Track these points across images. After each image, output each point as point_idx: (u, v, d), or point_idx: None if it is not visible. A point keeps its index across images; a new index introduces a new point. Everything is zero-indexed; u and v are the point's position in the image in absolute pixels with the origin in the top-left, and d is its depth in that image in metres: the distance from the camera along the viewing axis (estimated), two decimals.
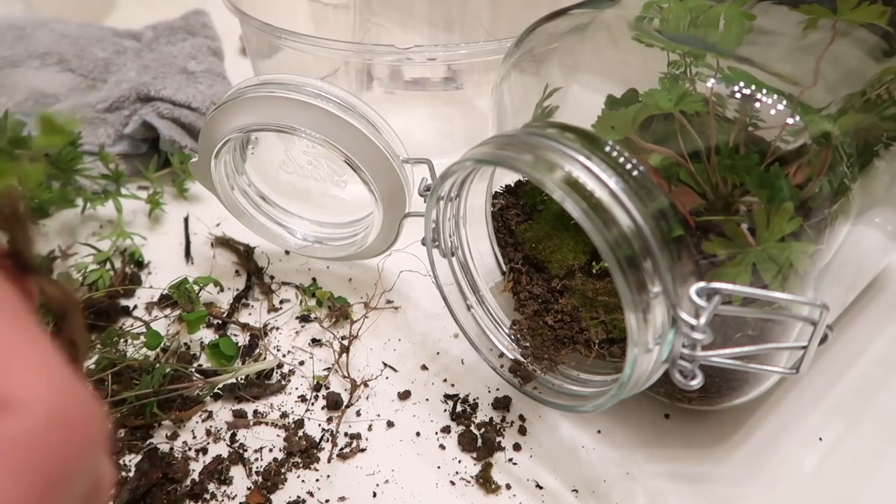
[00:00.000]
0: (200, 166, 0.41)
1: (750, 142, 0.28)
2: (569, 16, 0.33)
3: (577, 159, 0.27)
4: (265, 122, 0.37)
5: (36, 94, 0.56)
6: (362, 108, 0.36)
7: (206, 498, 0.31)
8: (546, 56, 0.33)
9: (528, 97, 0.33)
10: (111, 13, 0.76)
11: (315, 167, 0.41)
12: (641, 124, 0.29)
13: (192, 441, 0.34)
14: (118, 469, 0.32)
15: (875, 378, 0.37)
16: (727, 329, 0.30)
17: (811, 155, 0.27)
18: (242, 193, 0.43)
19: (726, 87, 0.28)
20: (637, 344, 0.26)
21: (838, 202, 0.28)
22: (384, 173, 0.37)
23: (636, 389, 0.28)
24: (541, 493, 0.32)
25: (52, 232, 0.47)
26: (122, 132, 0.52)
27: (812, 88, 0.29)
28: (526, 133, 0.29)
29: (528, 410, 0.35)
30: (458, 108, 0.55)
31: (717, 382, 0.32)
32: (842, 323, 0.39)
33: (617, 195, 0.26)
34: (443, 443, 0.34)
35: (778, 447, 0.34)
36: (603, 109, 0.31)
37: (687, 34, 0.31)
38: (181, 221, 0.48)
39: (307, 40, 0.42)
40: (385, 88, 0.53)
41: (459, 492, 0.32)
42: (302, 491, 0.32)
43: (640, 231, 0.26)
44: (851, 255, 0.32)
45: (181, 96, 0.52)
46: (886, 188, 0.32)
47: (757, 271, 0.28)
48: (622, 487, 0.32)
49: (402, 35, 0.57)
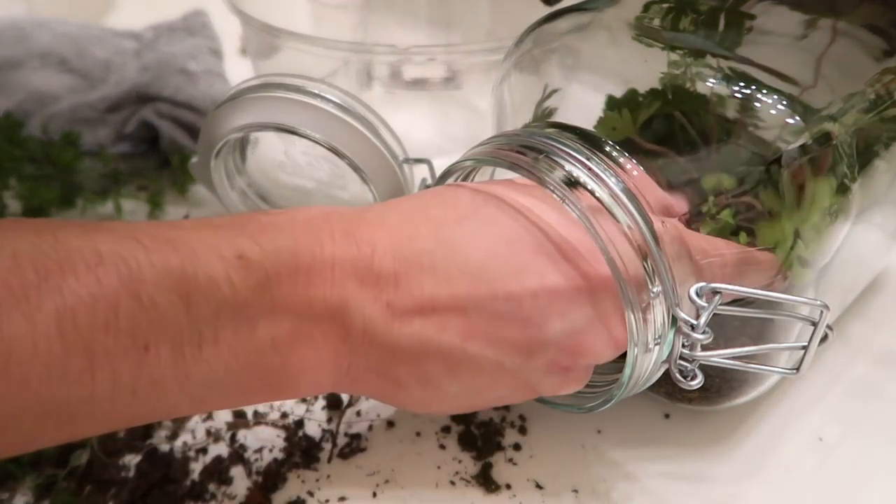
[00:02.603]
0: (200, 166, 0.41)
1: (750, 142, 0.28)
2: (569, 16, 0.33)
3: (577, 159, 0.27)
4: (265, 122, 0.37)
5: (36, 94, 0.56)
6: (362, 108, 0.36)
7: (206, 498, 0.31)
8: (546, 56, 0.33)
9: (528, 97, 0.33)
10: (111, 13, 0.76)
11: (315, 167, 0.41)
12: (641, 124, 0.29)
13: (192, 441, 0.34)
14: (118, 469, 0.32)
15: (875, 378, 0.37)
16: (727, 329, 0.30)
17: (811, 155, 0.27)
18: (242, 194, 0.43)
19: (726, 87, 0.28)
20: (637, 344, 0.26)
21: (838, 202, 0.28)
22: (384, 173, 0.36)
23: (636, 389, 0.28)
24: (541, 493, 0.32)
25: None
26: (122, 132, 0.51)
27: (812, 88, 0.29)
28: (526, 133, 0.29)
29: (528, 410, 0.35)
30: (458, 108, 0.55)
31: (717, 382, 0.32)
32: (842, 323, 0.39)
33: (617, 195, 0.26)
34: (443, 443, 0.34)
35: (778, 447, 0.34)
36: (603, 109, 0.31)
37: (687, 34, 0.31)
38: None
39: (307, 40, 0.42)
40: (385, 88, 0.52)
41: (459, 492, 0.32)
42: (302, 491, 0.32)
43: (640, 231, 0.26)
44: (851, 255, 0.32)
45: (181, 96, 0.52)
46: (886, 188, 0.32)
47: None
48: (622, 487, 0.32)
49: (402, 35, 0.57)
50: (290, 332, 0.26)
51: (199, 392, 0.25)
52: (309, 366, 0.27)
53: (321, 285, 0.26)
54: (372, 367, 0.27)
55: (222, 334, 0.24)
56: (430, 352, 0.27)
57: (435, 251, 0.27)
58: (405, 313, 0.27)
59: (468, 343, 0.27)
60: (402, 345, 0.27)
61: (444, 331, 0.27)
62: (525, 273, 0.27)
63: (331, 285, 0.26)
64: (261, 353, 0.25)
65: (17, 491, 0.32)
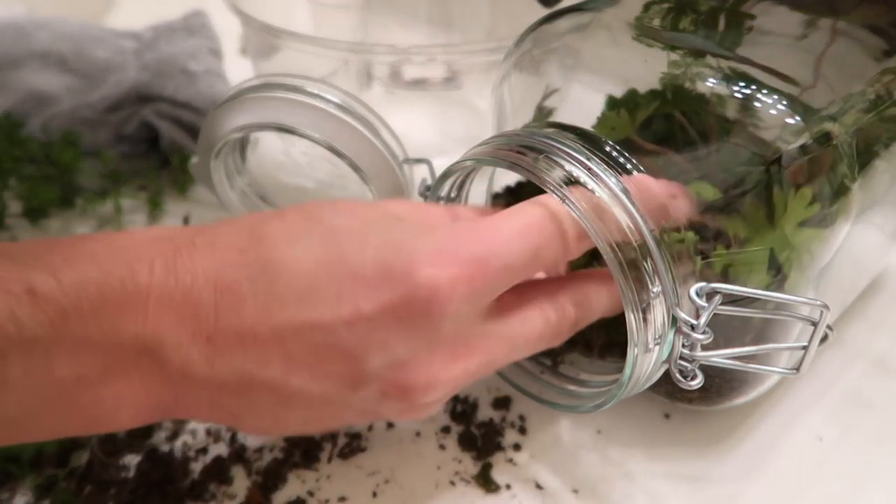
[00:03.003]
0: (200, 166, 0.41)
1: (750, 142, 0.28)
2: (569, 16, 0.33)
3: (577, 159, 0.27)
4: (265, 122, 0.37)
5: (36, 94, 0.56)
6: (362, 108, 0.36)
7: (206, 498, 0.31)
8: (546, 56, 0.33)
9: (528, 97, 0.33)
10: (111, 13, 0.76)
11: (315, 167, 0.41)
12: (641, 124, 0.29)
13: (192, 441, 0.34)
14: (118, 469, 0.32)
15: (875, 378, 0.37)
16: (727, 329, 0.30)
17: (811, 155, 0.27)
18: (242, 194, 0.43)
19: (726, 87, 0.28)
20: (637, 344, 0.26)
21: (838, 202, 0.28)
22: (384, 173, 0.36)
23: (636, 389, 0.28)
24: (541, 493, 0.32)
25: (51, 232, 0.47)
26: (122, 132, 0.51)
27: (812, 88, 0.29)
28: (526, 133, 0.29)
29: (528, 410, 0.35)
30: (458, 108, 0.55)
31: (717, 382, 0.32)
32: (842, 323, 0.39)
33: (617, 195, 0.26)
34: (443, 443, 0.34)
35: (778, 447, 0.34)
36: (603, 109, 0.31)
37: (687, 34, 0.31)
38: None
39: (307, 40, 0.42)
40: (385, 88, 0.52)
41: (459, 492, 0.32)
42: (302, 491, 0.32)
43: (640, 231, 0.26)
44: (851, 256, 0.32)
45: (181, 96, 0.52)
46: (886, 188, 0.32)
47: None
48: (622, 487, 0.32)
49: (402, 35, 0.57)
50: (99, 368, 0.24)
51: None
52: (126, 402, 0.25)
53: (133, 320, 0.24)
54: (202, 401, 0.26)
55: (11, 373, 0.23)
56: (254, 386, 0.25)
57: (257, 278, 0.25)
58: (225, 348, 0.25)
59: (290, 377, 0.25)
60: (225, 380, 0.25)
61: (265, 365, 0.25)
62: (341, 300, 0.25)
63: (143, 320, 0.24)
64: (63, 391, 0.24)
65: (17, 491, 0.32)
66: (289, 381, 0.25)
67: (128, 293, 0.24)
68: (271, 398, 0.26)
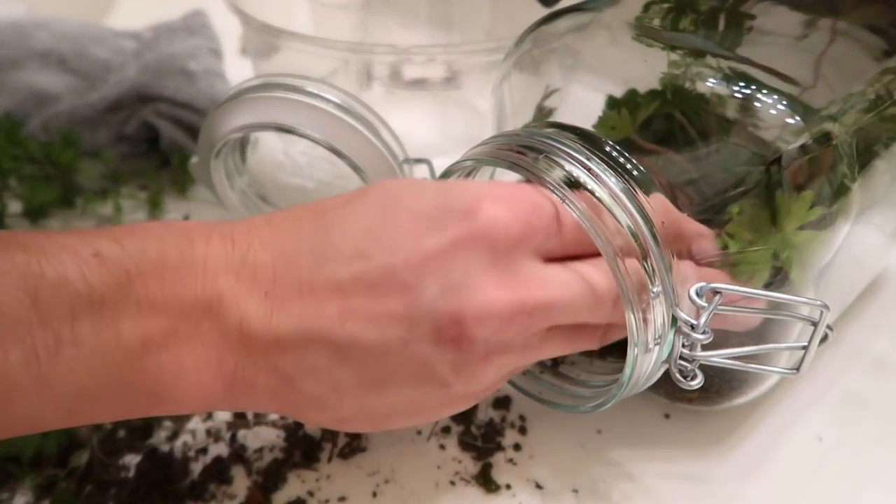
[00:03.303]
0: (200, 166, 0.41)
1: (750, 142, 0.28)
2: (569, 16, 0.33)
3: (577, 159, 0.27)
4: (265, 122, 0.37)
5: (36, 94, 0.56)
6: (362, 108, 0.36)
7: (206, 498, 0.31)
8: (546, 56, 0.33)
9: (528, 97, 0.33)
10: (111, 13, 0.76)
11: (315, 167, 0.41)
12: (641, 124, 0.30)
13: (192, 441, 0.34)
14: (118, 469, 0.32)
15: (875, 378, 0.37)
16: (727, 329, 0.30)
17: (811, 155, 0.27)
18: (242, 194, 0.43)
19: (726, 87, 0.28)
20: (637, 344, 0.26)
21: (838, 202, 0.28)
22: (384, 173, 0.36)
23: (636, 390, 0.28)
24: (541, 493, 0.32)
25: None
26: (122, 132, 0.51)
27: (812, 88, 0.29)
28: (526, 133, 0.29)
29: (528, 410, 0.35)
30: (458, 108, 0.55)
31: (717, 382, 0.32)
32: (842, 323, 0.39)
33: (617, 195, 0.26)
34: (443, 443, 0.34)
35: (778, 447, 0.34)
36: (603, 109, 0.31)
37: (687, 34, 0.31)
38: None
39: (307, 40, 0.42)
40: (385, 88, 0.52)
41: (459, 492, 0.32)
42: (302, 491, 0.32)
43: (640, 231, 0.26)
44: (851, 256, 0.32)
45: (181, 96, 0.52)
46: (886, 188, 0.32)
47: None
48: (622, 487, 0.32)
49: (402, 35, 0.57)
50: (163, 331, 0.25)
51: (64, 402, 0.24)
52: (188, 367, 0.25)
53: (193, 282, 0.25)
54: (259, 364, 0.26)
55: (82, 334, 0.23)
56: (312, 338, 0.26)
57: (313, 237, 0.27)
58: (283, 301, 0.26)
59: (347, 323, 0.26)
60: (283, 334, 0.26)
61: (322, 314, 0.26)
62: (399, 241, 0.26)
63: (203, 282, 0.25)
64: (129, 355, 0.24)
65: (17, 491, 0.32)
66: (345, 327, 0.26)
67: (185, 258, 0.25)
68: (328, 353, 0.26)
